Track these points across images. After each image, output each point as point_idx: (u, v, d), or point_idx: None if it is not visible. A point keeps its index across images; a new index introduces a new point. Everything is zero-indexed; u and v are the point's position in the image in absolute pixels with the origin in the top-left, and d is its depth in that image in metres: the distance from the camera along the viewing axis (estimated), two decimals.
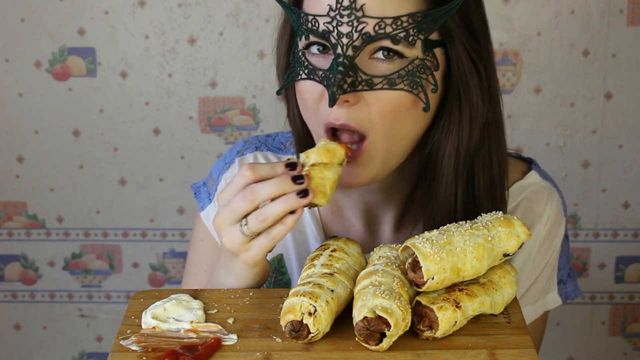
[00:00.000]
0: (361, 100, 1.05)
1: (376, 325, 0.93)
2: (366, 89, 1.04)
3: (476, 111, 1.09)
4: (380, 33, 1.03)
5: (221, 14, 2.21)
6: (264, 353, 0.94)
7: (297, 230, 1.26)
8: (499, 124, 1.15)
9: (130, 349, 0.96)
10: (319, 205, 1.02)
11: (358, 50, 1.04)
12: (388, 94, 1.05)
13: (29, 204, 2.33)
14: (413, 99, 1.06)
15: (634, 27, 2.18)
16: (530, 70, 2.21)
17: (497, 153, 1.14)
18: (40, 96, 2.26)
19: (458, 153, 1.10)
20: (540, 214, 1.23)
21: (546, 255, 1.24)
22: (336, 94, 1.02)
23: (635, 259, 2.33)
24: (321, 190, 1.02)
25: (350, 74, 1.03)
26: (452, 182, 1.12)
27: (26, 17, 2.21)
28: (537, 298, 1.24)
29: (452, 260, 0.96)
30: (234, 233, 1.03)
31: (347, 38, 1.03)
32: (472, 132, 1.10)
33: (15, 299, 2.41)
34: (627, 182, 2.28)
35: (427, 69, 1.05)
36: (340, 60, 1.03)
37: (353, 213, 1.25)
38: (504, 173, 1.17)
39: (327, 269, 1.01)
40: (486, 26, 1.12)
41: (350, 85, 1.03)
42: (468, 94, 1.09)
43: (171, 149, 2.28)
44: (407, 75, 1.04)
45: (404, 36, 1.03)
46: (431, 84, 1.06)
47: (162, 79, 2.25)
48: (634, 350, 2.40)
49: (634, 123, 2.24)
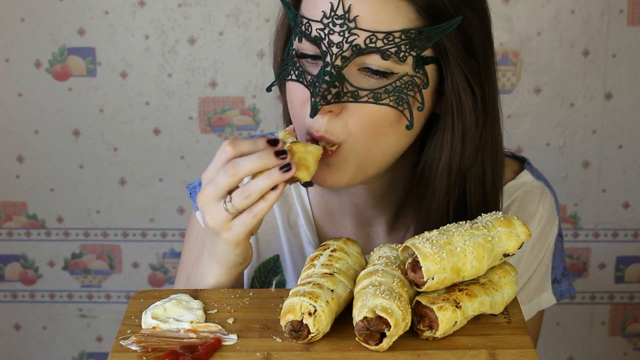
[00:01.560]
0: (344, 110, 1.04)
1: (376, 325, 0.93)
2: (351, 101, 1.03)
3: (469, 131, 1.07)
4: (371, 47, 1.01)
5: (221, 14, 2.21)
6: (264, 353, 0.94)
7: (292, 233, 1.26)
8: (495, 142, 1.12)
9: (130, 349, 0.96)
10: (302, 180, 1.02)
11: (347, 61, 1.02)
12: (372, 108, 1.03)
13: (29, 204, 2.33)
14: (397, 115, 1.04)
15: (634, 27, 2.18)
16: (530, 70, 2.21)
17: (492, 171, 1.12)
18: (40, 96, 2.26)
19: (450, 171, 1.09)
20: (533, 214, 1.23)
21: (539, 255, 1.23)
22: (318, 105, 1.01)
23: (635, 259, 2.33)
24: (304, 164, 1.01)
25: (336, 85, 1.01)
26: (444, 199, 1.10)
27: (26, 17, 2.21)
28: (530, 298, 1.24)
29: (452, 260, 0.96)
30: (217, 210, 1.01)
31: (337, 48, 1.02)
32: (464, 150, 1.08)
33: (15, 299, 2.41)
34: (627, 182, 2.28)
35: (415, 86, 1.03)
36: (328, 70, 1.02)
37: (345, 216, 1.24)
38: (499, 187, 1.15)
39: (327, 269, 1.01)
40: (488, 44, 1.09)
41: (335, 96, 1.02)
42: (461, 112, 1.06)
43: (171, 149, 2.28)
44: (394, 91, 1.02)
45: (395, 52, 1.01)
46: (418, 102, 1.04)
47: (162, 79, 2.25)
48: (634, 350, 2.40)
49: (634, 123, 2.24)
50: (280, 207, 1.27)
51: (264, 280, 1.28)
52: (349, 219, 1.24)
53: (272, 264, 1.27)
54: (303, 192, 1.27)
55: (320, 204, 1.27)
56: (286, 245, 1.27)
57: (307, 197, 1.27)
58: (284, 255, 1.27)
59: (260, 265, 1.28)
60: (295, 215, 1.27)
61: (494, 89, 1.11)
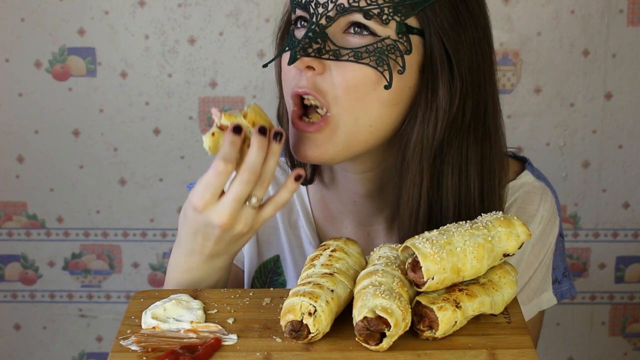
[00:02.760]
0: (326, 71, 1.06)
1: (376, 325, 0.93)
2: (332, 59, 1.05)
3: (442, 106, 1.08)
4: (354, 5, 1.04)
5: (221, 14, 2.21)
6: (264, 353, 0.94)
7: (292, 233, 1.27)
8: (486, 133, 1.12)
9: (130, 349, 0.96)
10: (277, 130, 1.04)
11: (331, 21, 1.05)
12: (353, 68, 1.05)
13: (29, 204, 2.34)
14: (377, 77, 1.06)
15: (634, 27, 2.18)
16: (530, 70, 2.21)
17: (478, 162, 1.12)
18: (40, 96, 2.26)
19: (422, 146, 1.09)
20: (533, 214, 1.23)
21: (539, 255, 1.23)
22: (297, 54, 1.04)
23: (635, 259, 2.33)
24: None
25: (318, 41, 1.05)
26: (417, 177, 1.10)
27: (26, 17, 2.21)
28: (531, 298, 1.24)
29: (452, 260, 0.96)
30: (246, 214, 1.03)
31: (323, 8, 1.05)
32: (437, 126, 1.08)
33: (15, 299, 2.41)
34: (627, 182, 2.28)
35: (397, 50, 1.05)
36: (312, 27, 1.05)
37: (345, 216, 1.25)
38: (494, 183, 1.14)
39: (327, 269, 1.01)
40: (480, 23, 1.09)
41: (316, 51, 1.05)
42: (435, 86, 1.07)
43: (171, 149, 2.28)
44: (375, 51, 1.05)
45: (378, 13, 1.04)
46: (399, 65, 1.06)
47: (162, 79, 2.25)
48: (634, 350, 2.40)
49: (634, 123, 2.24)
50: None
51: (264, 280, 1.28)
52: (349, 219, 1.25)
53: (272, 264, 1.27)
54: (303, 192, 1.28)
55: (320, 205, 1.27)
56: (287, 245, 1.27)
57: (307, 197, 1.28)
58: (284, 255, 1.27)
59: (261, 266, 1.28)
60: (296, 215, 1.28)
61: (483, 70, 1.11)
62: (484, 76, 1.11)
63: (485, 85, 1.11)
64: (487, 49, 1.11)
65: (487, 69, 1.11)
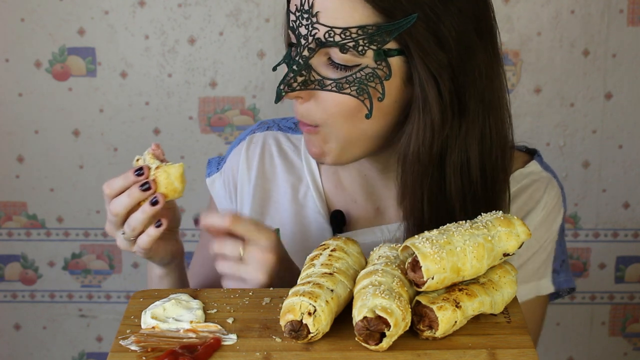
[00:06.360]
0: (312, 98, 1.11)
1: (376, 325, 0.93)
2: (317, 89, 1.10)
3: (436, 123, 1.10)
4: (330, 40, 1.07)
5: (221, 14, 2.21)
6: (264, 353, 0.94)
7: (299, 204, 1.30)
8: (488, 132, 1.14)
9: (129, 349, 0.96)
10: (177, 197, 1.12)
11: (313, 52, 1.09)
12: (336, 96, 1.10)
13: (28, 204, 2.33)
14: (359, 104, 1.10)
15: (634, 27, 2.18)
16: (530, 70, 2.21)
17: (480, 160, 1.14)
18: (40, 96, 2.26)
19: (419, 160, 1.12)
20: (538, 200, 1.25)
21: (541, 239, 1.25)
22: (282, 92, 1.09)
23: (635, 259, 2.33)
24: (171, 188, 1.10)
25: (303, 73, 1.10)
26: (417, 183, 1.13)
27: (26, 17, 2.21)
28: (528, 280, 1.24)
29: (452, 260, 0.96)
30: (119, 238, 1.17)
31: (304, 39, 1.09)
32: (433, 142, 1.11)
33: (15, 299, 2.41)
34: (627, 182, 2.28)
35: (376, 78, 1.08)
36: (297, 59, 1.10)
37: (355, 189, 1.28)
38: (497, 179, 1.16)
39: (326, 268, 1.01)
40: (469, 36, 1.11)
41: (301, 84, 1.10)
42: (426, 104, 1.10)
43: (171, 149, 2.28)
44: (355, 81, 1.08)
45: (353, 46, 1.07)
46: (379, 93, 1.09)
47: (162, 79, 2.25)
48: (634, 350, 2.40)
49: (634, 123, 2.24)
50: (287, 179, 1.32)
51: None
52: (359, 192, 1.28)
53: None
54: (313, 163, 1.31)
55: (330, 175, 1.30)
56: (292, 217, 1.30)
57: (317, 168, 1.31)
58: (285, 229, 1.31)
59: None
60: (306, 186, 1.31)
61: (477, 80, 1.12)
62: (475, 69, 1.12)
63: (481, 78, 1.13)
64: (478, 41, 1.14)
65: (481, 62, 1.13)
